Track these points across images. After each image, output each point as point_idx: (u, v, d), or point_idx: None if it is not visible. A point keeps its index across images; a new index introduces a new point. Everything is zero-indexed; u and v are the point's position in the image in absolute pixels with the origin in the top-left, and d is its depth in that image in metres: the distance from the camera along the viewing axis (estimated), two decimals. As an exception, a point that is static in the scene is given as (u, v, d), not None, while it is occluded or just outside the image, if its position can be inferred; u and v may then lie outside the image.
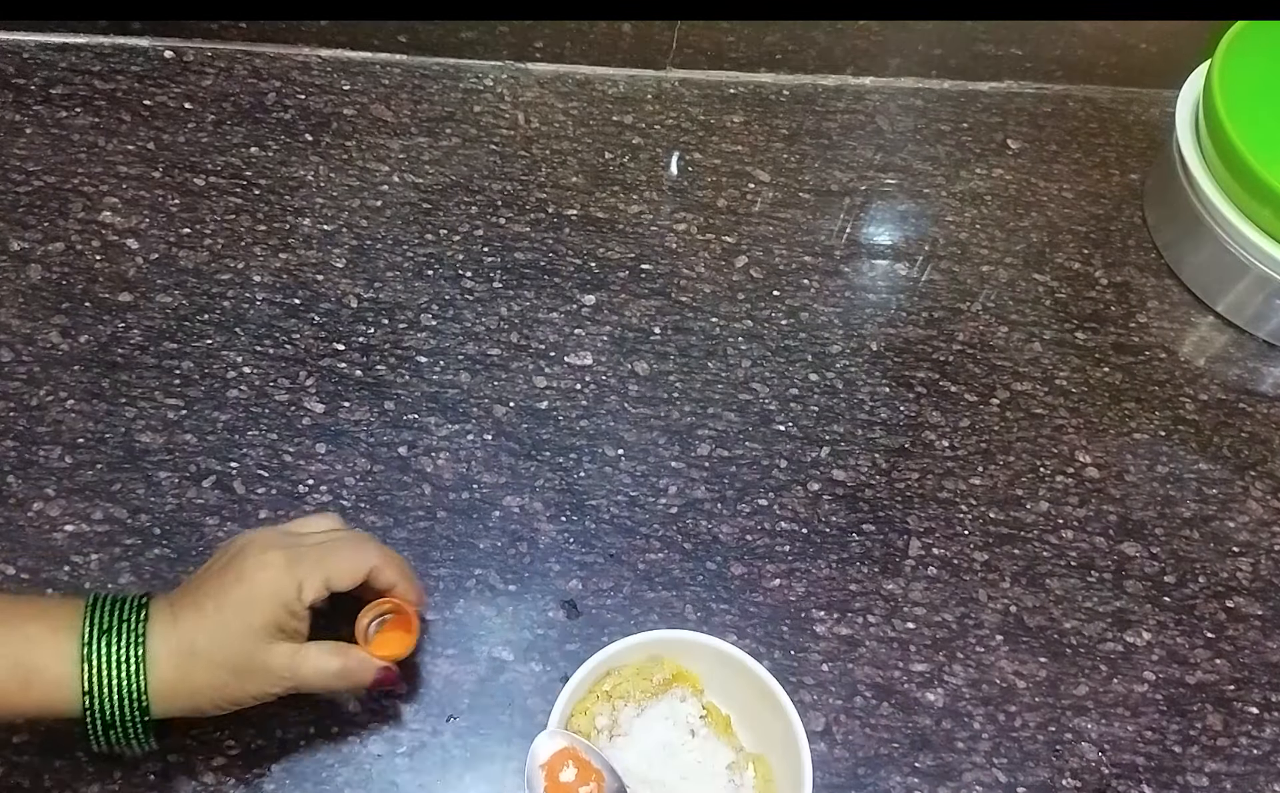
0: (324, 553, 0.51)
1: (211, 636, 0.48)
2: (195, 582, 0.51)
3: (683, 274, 0.74)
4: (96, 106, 0.76)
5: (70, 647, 0.46)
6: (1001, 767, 0.58)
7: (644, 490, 0.65)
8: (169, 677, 0.47)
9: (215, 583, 0.49)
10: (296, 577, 0.49)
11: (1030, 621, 0.63)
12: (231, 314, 0.69)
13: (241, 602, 0.48)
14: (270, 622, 0.49)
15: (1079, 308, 0.76)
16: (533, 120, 0.81)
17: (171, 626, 0.48)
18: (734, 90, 0.85)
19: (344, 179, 0.76)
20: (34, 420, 0.63)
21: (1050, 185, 0.82)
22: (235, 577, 0.49)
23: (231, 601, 0.49)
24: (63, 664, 0.46)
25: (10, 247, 0.69)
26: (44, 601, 0.54)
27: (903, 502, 0.66)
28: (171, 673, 0.47)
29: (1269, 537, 0.67)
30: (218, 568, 0.50)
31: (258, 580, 0.49)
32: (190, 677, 0.48)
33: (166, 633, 0.48)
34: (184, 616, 0.48)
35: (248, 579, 0.49)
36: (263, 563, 0.49)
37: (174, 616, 0.48)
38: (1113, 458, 0.70)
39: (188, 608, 0.49)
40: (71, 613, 0.47)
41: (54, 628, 0.47)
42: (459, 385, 0.68)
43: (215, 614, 0.48)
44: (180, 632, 0.48)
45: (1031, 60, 0.86)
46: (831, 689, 0.59)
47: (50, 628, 0.47)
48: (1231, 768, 0.59)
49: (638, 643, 0.54)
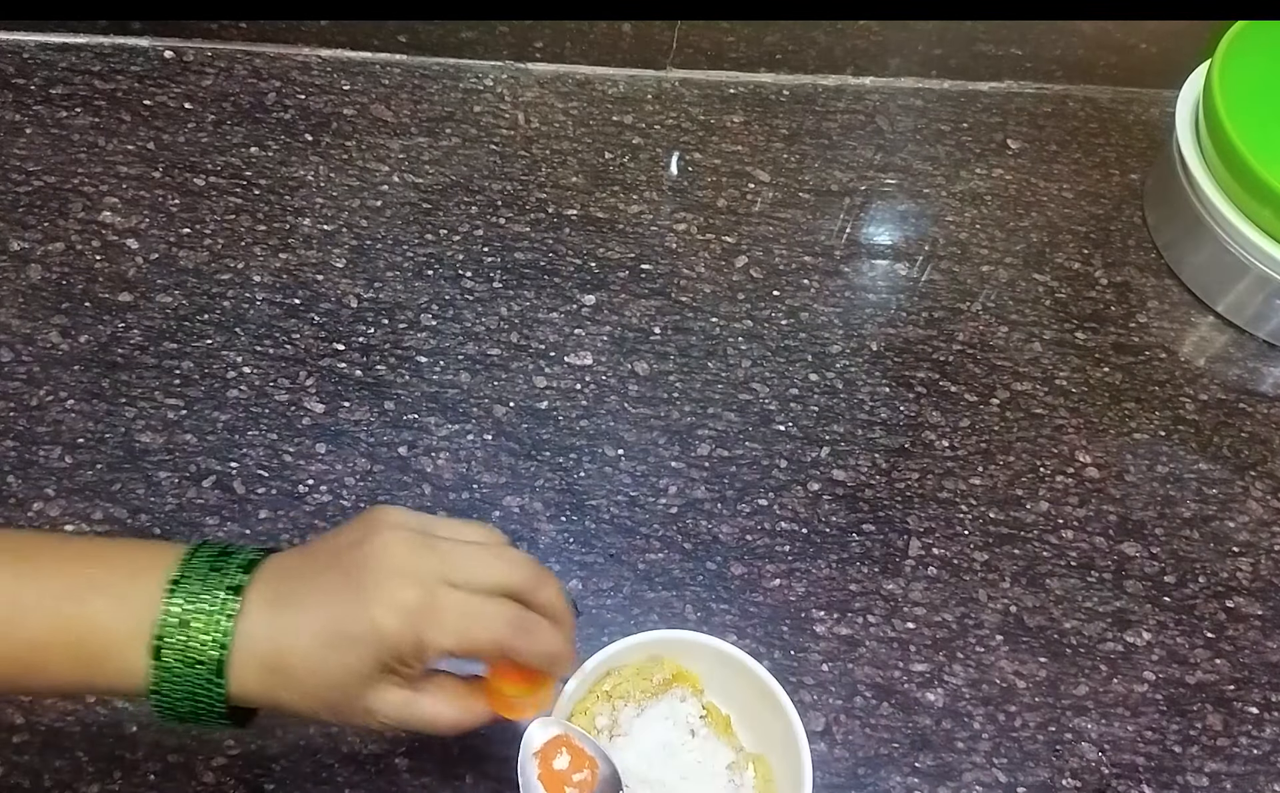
0: (468, 620, 0.43)
1: (310, 661, 0.41)
2: (311, 562, 0.43)
3: (683, 274, 0.74)
4: (96, 106, 0.76)
5: (141, 628, 0.40)
6: (1001, 767, 0.58)
7: (644, 490, 0.65)
8: (252, 685, 0.41)
9: (328, 585, 0.42)
10: (422, 632, 0.41)
11: (1030, 621, 0.63)
12: (231, 314, 0.69)
13: (350, 639, 0.41)
14: (378, 667, 0.41)
15: (1079, 308, 0.76)
16: (533, 120, 0.81)
17: (265, 623, 0.41)
18: (734, 90, 0.85)
19: (344, 179, 0.76)
20: (34, 420, 0.63)
21: (1050, 185, 0.82)
22: (354, 598, 0.41)
23: (341, 631, 0.41)
24: (130, 647, 0.40)
25: (10, 247, 0.69)
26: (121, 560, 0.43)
27: (903, 502, 0.66)
28: (256, 685, 0.41)
29: (1269, 537, 0.67)
30: (339, 557, 0.43)
31: (377, 622, 0.41)
32: (276, 695, 0.42)
33: (257, 634, 0.41)
34: (283, 615, 0.41)
35: (366, 618, 0.41)
36: (389, 600, 0.41)
37: (271, 610, 0.41)
38: (1113, 458, 0.70)
39: (289, 606, 0.41)
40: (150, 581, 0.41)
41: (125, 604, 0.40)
42: (459, 385, 0.68)
43: (317, 635, 0.41)
44: (273, 638, 0.41)
45: (1031, 60, 0.86)
46: (831, 689, 0.59)
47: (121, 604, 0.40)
48: (1231, 768, 0.59)
49: (638, 643, 0.54)
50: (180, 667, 0.40)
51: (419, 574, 0.42)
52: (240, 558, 0.43)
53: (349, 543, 0.43)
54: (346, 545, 0.43)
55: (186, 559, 0.42)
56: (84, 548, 0.43)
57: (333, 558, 0.43)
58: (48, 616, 0.40)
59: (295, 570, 0.43)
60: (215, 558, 0.42)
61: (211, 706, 0.41)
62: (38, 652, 0.40)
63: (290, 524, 0.61)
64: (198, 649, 0.40)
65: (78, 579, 0.41)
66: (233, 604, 0.41)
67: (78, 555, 0.43)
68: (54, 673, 0.40)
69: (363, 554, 0.42)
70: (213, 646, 0.40)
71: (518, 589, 0.45)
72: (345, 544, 0.43)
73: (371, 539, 0.43)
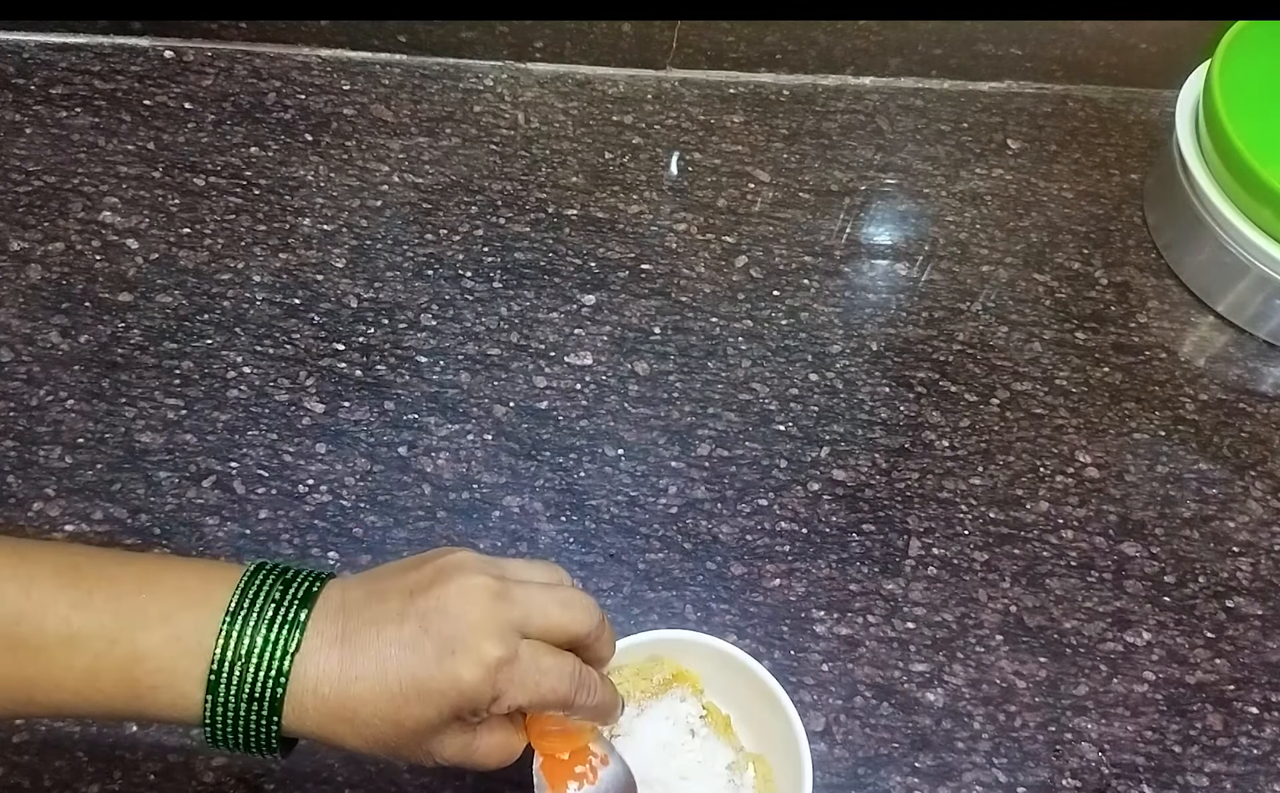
0: (545, 679, 0.42)
1: (378, 707, 0.40)
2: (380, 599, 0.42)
3: (683, 274, 0.74)
4: (96, 106, 0.76)
5: (196, 663, 0.39)
6: (1001, 767, 0.58)
7: (644, 490, 0.65)
8: (309, 723, 0.40)
9: (402, 642, 0.40)
10: (500, 688, 0.41)
11: (1030, 621, 0.63)
12: (231, 314, 0.69)
13: (429, 691, 0.40)
14: (449, 718, 0.41)
15: (1079, 308, 0.76)
16: (533, 120, 0.81)
17: (330, 659, 0.40)
18: (734, 90, 0.85)
19: (344, 179, 0.76)
20: (34, 420, 0.63)
21: (1050, 185, 0.82)
22: (434, 649, 0.40)
23: (418, 681, 0.40)
24: (185, 682, 0.39)
25: (10, 247, 0.69)
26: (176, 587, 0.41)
27: (903, 502, 0.66)
28: (313, 724, 0.40)
29: (1269, 537, 0.67)
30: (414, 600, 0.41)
31: (458, 677, 0.40)
32: (335, 731, 0.40)
33: (320, 674, 0.40)
34: (352, 657, 0.40)
35: (446, 671, 0.40)
36: (473, 657, 0.40)
37: (337, 649, 0.40)
38: (1113, 458, 0.70)
39: (358, 647, 0.40)
40: (209, 611, 0.40)
41: (180, 636, 0.39)
42: (459, 385, 0.68)
43: (390, 683, 0.40)
44: (340, 680, 0.40)
45: (1031, 60, 0.86)
46: (831, 689, 0.59)
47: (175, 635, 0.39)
48: (1231, 768, 0.59)
49: (638, 643, 0.54)
50: (235, 702, 0.39)
51: (500, 629, 0.41)
52: (299, 588, 0.41)
53: (420, 586, 0.42)
54: (419, 589, 0.42)
55: (243, 588, 0.41)
56: (141, 571, 0.42)
57: (405, 602, 0.41)
58: (101, 647, 0.39)
59: (361, 608, 0.41)
60: (273, 586, 0.41)
61: (264, 739, 0.40)
62: (90, 682, 0.39)
63: (290, 524, 0.61)
64: (254, 685, 0.39)
65: (133, 609, 0.40)
66: (291, 641, 0.40)
67: (134, 579, 0.41)
68: (105, 703, 0.40)
69: (440, 603, 0.41)
70: (271, 682, 0.39)
71: (583, 638, 0.45)
72: (417, 587, 0.42)
73: (446, 586, 0.42)
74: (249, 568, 0.42)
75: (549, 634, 0.43)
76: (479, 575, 0.42)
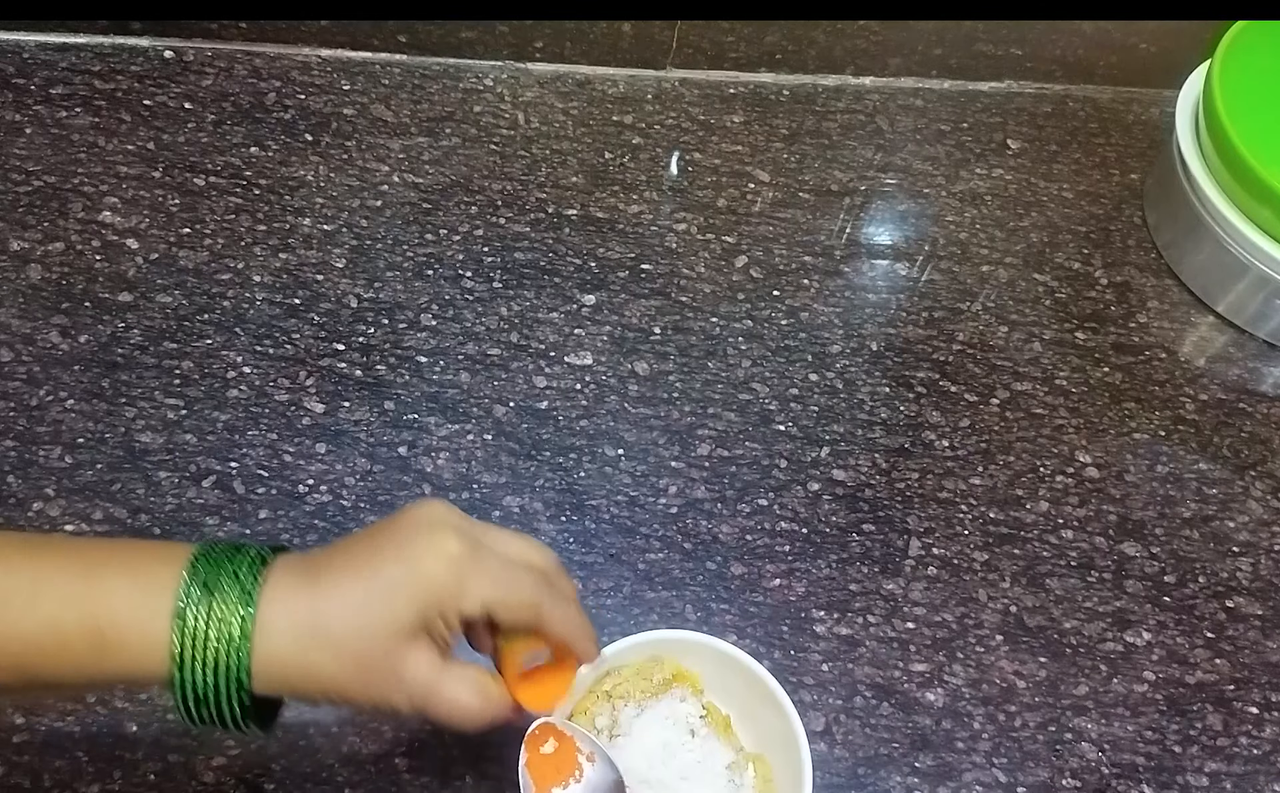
0: (502, 571, 0.43)
1: (347, 615, 0.40)
2: (344, 544, 0.43)
3: (683, 274, 0.74)
4: (96, 106, 0.76)
5: (162, 602, 0.39)
6: (1001, 767, 0.58)
7: (644, 490, 0.65)
8: (283, 652, 0.40)
9: (367, 551, 0.42)
10: (465, 578, 0.42)
11: (1030, 621, 0.63)
12: (231, 314, 0.69)
13: (393, 584, 0.41)
14: (418, 619, 0.41)
15: (1079, 308, 0.76)
16: (533, 120, 0.81)
17: (299, 591, 0.41)
18: (734, 90, 0.85)
19: (344, 179, 0.76)
20: (34, 420, 0.63)
21: (1050, 185, 0.82)
22: (395, 552, 0.42)
23: (382, 580, 0.41)
24: (152, 622, 0.39)
25: (10, 247, 0.69)
26: (139, 549, 0.43)
27: (903, 502, 0.66)
28: (287, 648, 0.40)
29: (1269, 537, 0.67)
30: (376, 533, 0.43)
31: (421, 565, 0.41)
32: (308, 658, 0.40)
33: (291, 599, 0.40)
34: (319, 583, 0.41)
35: (409, 560, 0.41)
36: (432, 548, 0.42)
37: (305, 580, 0.41)
38: (1113, 458, 0.70)
39: (325, 574, 0.41)
40: (170, 565, 0.40)
41: (144, 582, 0.40)
42: (459, 385, 0.68)
43: (357, 591, 0.41)
44: (310, 602, 0.40)
45: (1031, 60, 0.86)
46: (831, 689, 0.59)
47: (139, 582, 0.40)
48: (1231, 768, 0.59)
49: (638, 643, 0.54)
50: (204, 637, 0.39)
51: (460, 528, 0.43)
52: (255, 549, 0.42)
53: (387, 529, 0.43)
54: (382, 529, 0.43)
55: (207, 546, 0.42)
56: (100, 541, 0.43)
57: (368, 532, 0.43)
58: (65, 598, 0.39)
59: (327, 550, 0.43)
60: (227, 548, 0.42)
61: (236, 683, 0.40)
62: (54, 635, 0.39)
63: (290, 524, 0.61)
64: (222, 614, 0.39)
65: (94, 562, 0.40)
66: (259, 571, 0.40)
67: (94, 545, 0.43)
68: (71, 659, 0.39)
69: (402, 519, 0.43)
70: (240, 605, 0.39)
71: (543, 568, 0.46)
72: (382, 529, 0.43)
73: (410, 510, 0.43)
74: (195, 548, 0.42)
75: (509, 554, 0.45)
76: (447, 509, 0.44)
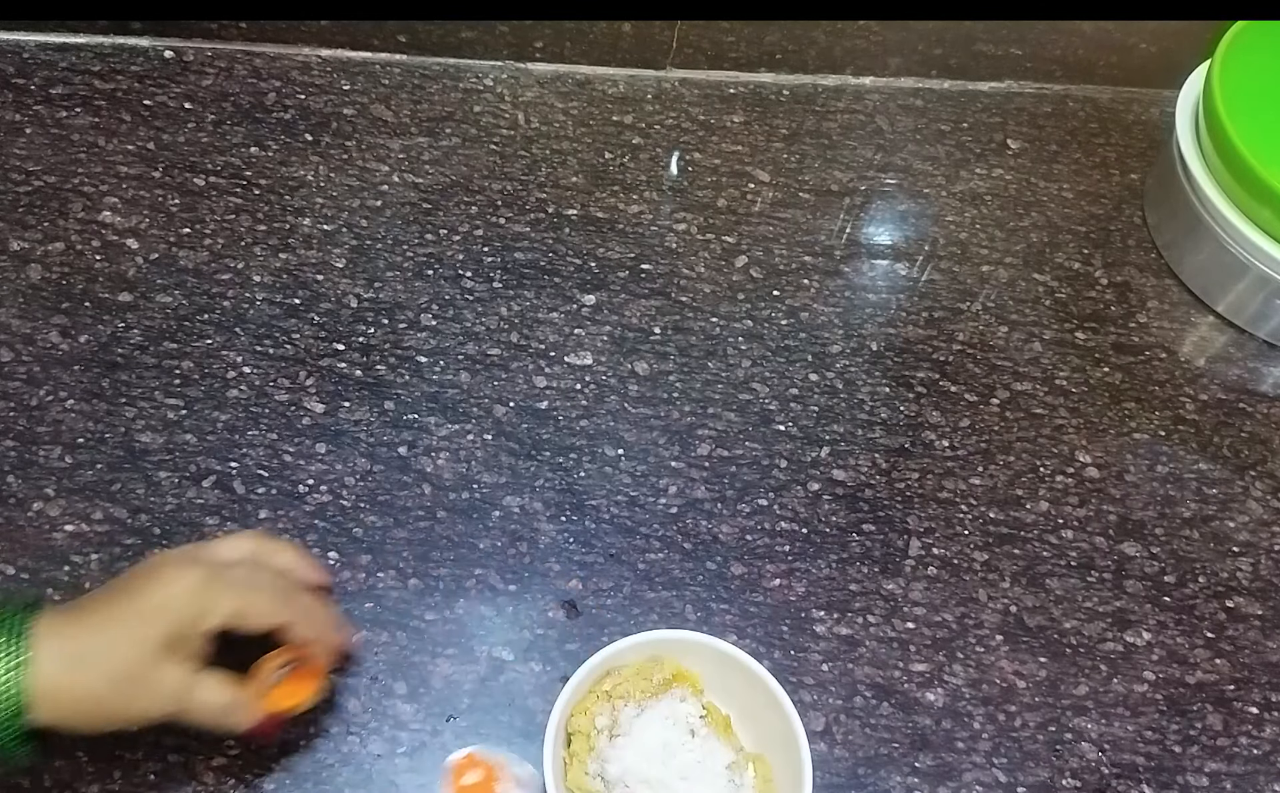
0: (244, 588, 0.49)
1: (104, 642, 0.46)
2: (102, 590, 0.49)
3: (683, 274, 0.74)
4: (96, 106, 0.76)
5: None
6: (1001, 767, 0.58)
7: (644, 490, 0.65)
8: (54, 682, 0.45)
9: (119, 590, 0.48)
10: (205, 600, 0.48)
11: (1030, 620, 0.63)
12: (231, 314, 0.69)
13: (143, 612, 0.47)
14: (167, 637, 0.47)
15: (1079, 308, 0.76)
16: (533, 120, 0.81)
17: (63, 627, 0.46)
18: (734, 90, 0.85)
19: (344, 179, 0.76)
20: (34, 420, 0.63)
21: (1050, 185, 0.82)
22: (140, 586, 0.48)
23: (133, 609, 0.47)
24: None
25: (10, 247, 0.69)
26: None
27: (903, 502, 0.66)
28: (58, 678, 0.45)
29: (1269, 537, 0.67)
30: (125, 578, 0.49)
31: (164, 593, 0.47)
32: (77, 684, 0.46)
33: (55, 635, 0.46)
34: (81, 618, 0.47)
35: (152, 591, 0.48)
36: (174, 577, 0.48)
37: (68, 618, 0.47)
38: (1113, 458, 0.70)
39: (84, 612, 0.47)
40: None
41: None
42: (459, 385, 0.68)
43: (112, 621, 0.47)
44: (73, 633, 0.46)
45: (1031, 60, 0.86)
46: (831, 689, 0.59)
47: None
48: (1231, 768, 0.59)
49: (638, 643, 0.54)
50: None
51: (200, 559, 0.50)
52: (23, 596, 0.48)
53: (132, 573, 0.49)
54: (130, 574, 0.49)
55: None
56: None
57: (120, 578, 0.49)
58: None
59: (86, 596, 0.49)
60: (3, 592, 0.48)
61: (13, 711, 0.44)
62: None
63: (290, 524, 0.61)
64: None
65: None
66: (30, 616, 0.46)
67: None
68: None
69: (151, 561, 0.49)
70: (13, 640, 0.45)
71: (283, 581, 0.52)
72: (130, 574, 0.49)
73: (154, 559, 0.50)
74: None
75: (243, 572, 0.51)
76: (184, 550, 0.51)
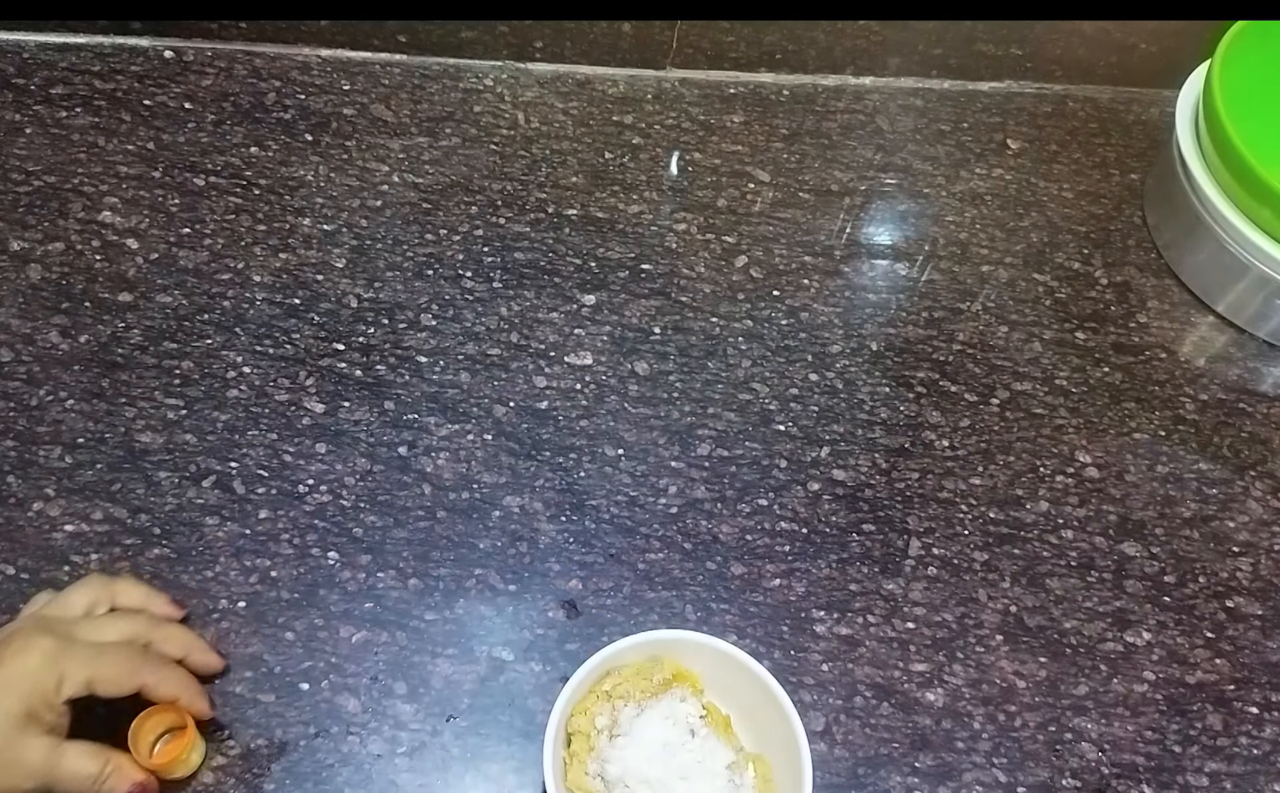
0: (95, 654, 0.49)
1: None
2: None
3: (683, 274, 0.74)
4: (96, 106, 0.76)
5: None
6: (1001, 767, 0.58)
7: (644, 490, 0.65)
8: None
9: None
10: (59, 669, 0.48)
11: (1030, 620, 0.63)
12: (231, 314, 0.69)
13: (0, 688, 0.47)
14: (26, 711, 0.47)
15: (1079, 308, 0.76)
16: (533, 120, 0.81)
17: None
18: (734, 90, 0.85)
19: (344, 179, 0.76)
20: (34, 420, 0.63)
21: (1050, 185, 0.82)
22: None
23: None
24: None
25: (10, 247, 0.69)
26: None
27: (903, 502, 0.66)
28: None
29: (1269, 537, 0.67)
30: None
31: (16, 667, 0.47)
32: None
33: None
34: None
35: (6, 664, 0.47)
36: (25, 648, 0.48)
37: None
38: (1113, 458, 0.70)
39: None
40: None
41: None
42: (459, 385, 0.68)
43: None
44: None
45: (1031, 60, 0.86)
46: (831, 689, 0.59)
47: None
48: (1231, 768, 0.59)
49: (638, 643, 0.54)
50: None
51: (51, 628, 0.50)
52: None
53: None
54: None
55: None
56: None
57: None
58: None
59: None
60: None
61: None
62: None
63: (290, 524, 0.61)
64: None
65: None
66: None
67: None
68: None
69: (3, 635, 0.49)
70: None
71: (139, 636, 0.52)
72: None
73: (7, 629, 0.50)
74: None
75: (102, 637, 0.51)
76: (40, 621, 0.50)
